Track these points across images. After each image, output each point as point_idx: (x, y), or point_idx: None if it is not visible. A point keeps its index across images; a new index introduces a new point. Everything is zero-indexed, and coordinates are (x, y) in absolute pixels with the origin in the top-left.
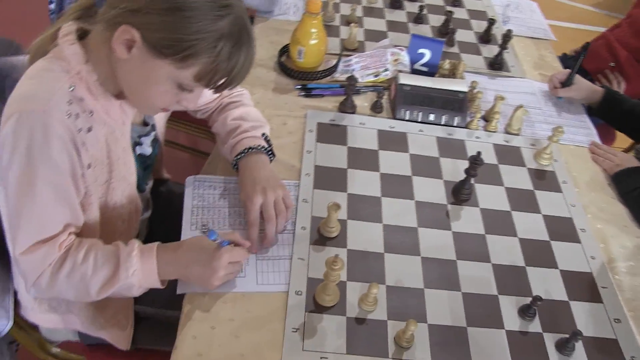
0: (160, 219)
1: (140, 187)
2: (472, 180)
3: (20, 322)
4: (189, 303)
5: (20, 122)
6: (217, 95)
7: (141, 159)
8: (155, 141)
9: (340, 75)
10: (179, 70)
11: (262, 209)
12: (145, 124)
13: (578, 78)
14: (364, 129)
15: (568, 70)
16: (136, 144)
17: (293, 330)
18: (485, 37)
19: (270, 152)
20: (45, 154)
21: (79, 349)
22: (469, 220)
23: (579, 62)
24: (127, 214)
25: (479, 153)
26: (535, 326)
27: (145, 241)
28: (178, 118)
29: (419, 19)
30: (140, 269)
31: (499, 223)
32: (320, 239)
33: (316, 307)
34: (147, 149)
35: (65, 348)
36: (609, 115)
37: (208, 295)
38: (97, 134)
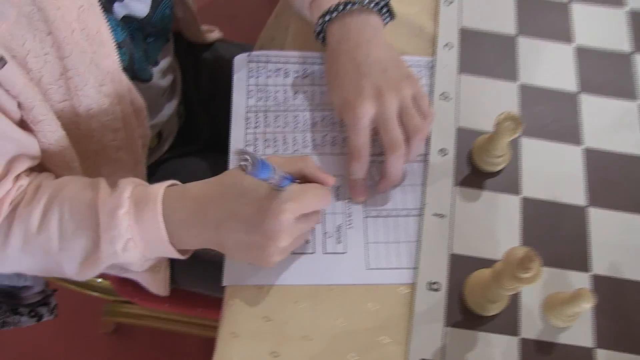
0: (206, 104)
1: (140, 73)
2: None
3: None
4: (231, 299)
5: None
6: None
7: (132, 26)
8: None
9: None
10: None
11: (378, 126)
12: None
13: None
14: None
15: None
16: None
17: None
18: None
19: (385, 9)
20: None
21: (106, 274)
22: None
23: None
24: (119, 120)
25: None
26: None
27: (178, 141)
28: None
29: None
30: (139, 238)
31: None
32: (474, 175)
33: (465, 315)
34: (138, 7)
35: None
36: None
37: (265, 289)
38: None
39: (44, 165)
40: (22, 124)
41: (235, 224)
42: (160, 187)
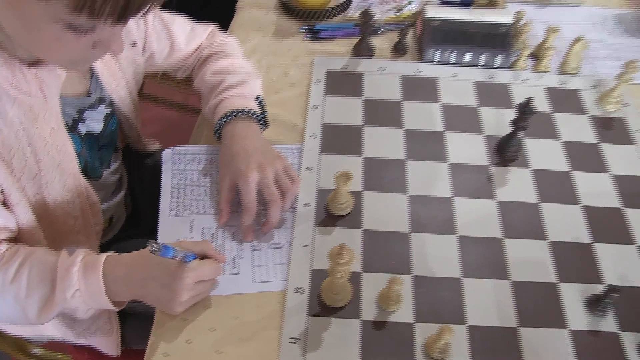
0: (148, 197)
1: (92, 173)
2: (521, 135)
3: None
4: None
5: None
6: (194, 48)
7: (89, 139)
8: (111, 115)
9: (354, 13)
10: (47, 5)
11: (261, 189)
12: (89, 93)
13: None
14: (384, 75)
15: None
16: (77, 121)
17: (292, 340)
18: None
19: (262, 120)
20: None
21: (65, 348)
22: (517, 186)
23: None
24: (77, 210)
25: (529, 100)
26: (608, 324)
27: (127, 226)
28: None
29: None
30: (85, 289)
31: (556, 188)
32: (329, 219)
33: (322, 308)
34: (94, 125)
35: (49, 347)
36: None
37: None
38: (2, 116)
39: (19, 240)
40: (4, 205)
41: (154, 283)
42: (103, 256)
